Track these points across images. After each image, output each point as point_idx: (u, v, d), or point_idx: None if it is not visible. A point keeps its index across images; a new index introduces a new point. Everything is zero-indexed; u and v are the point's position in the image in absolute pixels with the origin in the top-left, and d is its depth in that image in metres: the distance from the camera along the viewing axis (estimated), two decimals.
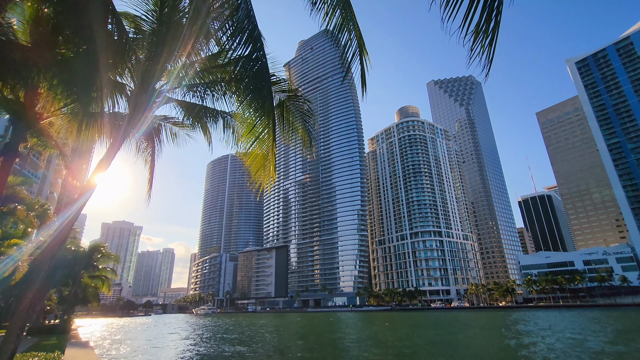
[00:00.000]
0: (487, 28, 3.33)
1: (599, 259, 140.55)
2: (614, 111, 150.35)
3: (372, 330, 57.29)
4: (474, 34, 3.32)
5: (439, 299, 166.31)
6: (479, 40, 3.35)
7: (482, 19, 3.31)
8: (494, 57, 3.37)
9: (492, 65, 3.49)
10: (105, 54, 5.14)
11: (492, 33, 3.34)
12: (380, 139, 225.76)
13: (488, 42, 3.36)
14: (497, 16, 3.32)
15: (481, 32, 3.32)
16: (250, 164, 5.97)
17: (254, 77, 5.05)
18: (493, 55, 3.36)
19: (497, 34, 3.37)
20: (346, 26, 4.54)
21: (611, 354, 27.04)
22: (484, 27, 3.30)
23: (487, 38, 3.36)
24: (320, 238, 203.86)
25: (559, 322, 57.67)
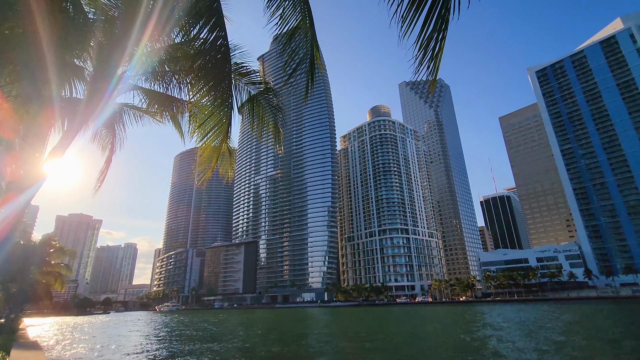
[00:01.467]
0: (435, 43, 3.52)
1: (551, 256, 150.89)
2: (568, 119, 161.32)
3: (339, 325, 58.16)
4: (422, 46, 3.53)
5: (404, 294, 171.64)
6: (427, 53, 3.55)
7: (431, 33, 3.49)
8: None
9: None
10: (61, 34, 4.79)
11: (439, 50, 3.54)
12: (352, 136, 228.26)
13: (435, 54, 3.57)
14: (444, 32, 3.51)
15: (429, 46, 3.52)
16: (203, 155, 5.78)
17: (214, 66, 4.92)
18: (438, 68, 3.56)
19: (441, 52, 3.57)
20: (303, 28, 4.57)
21: (554, 343, 29.23)
22: (432, 42, 3.52)
23: (434, 52, 3.56)
24: (291, 234, 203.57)
25: (512, 315, 61.53)
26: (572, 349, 26.65)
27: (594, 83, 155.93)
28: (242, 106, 6.34)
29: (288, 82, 4.91)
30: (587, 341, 30.73)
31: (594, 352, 25.37)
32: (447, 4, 3.42)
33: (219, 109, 5.49)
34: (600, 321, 48.18)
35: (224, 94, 5.23)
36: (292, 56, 4.83)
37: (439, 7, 3.42)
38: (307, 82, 4.79)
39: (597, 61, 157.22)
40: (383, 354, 26.86)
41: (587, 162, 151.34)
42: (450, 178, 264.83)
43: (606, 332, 36.28)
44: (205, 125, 5.65)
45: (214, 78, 5.22)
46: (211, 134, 5.68)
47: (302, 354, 28.91)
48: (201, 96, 5.54)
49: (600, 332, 36.40)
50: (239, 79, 5.93)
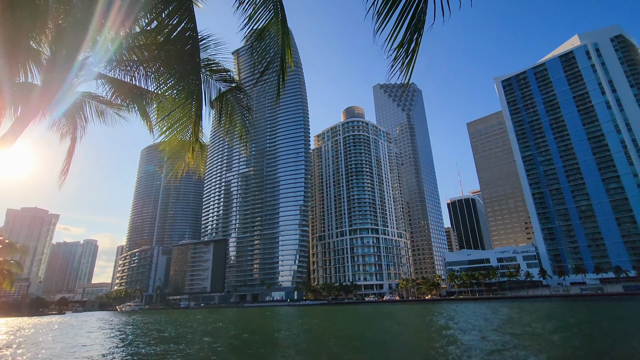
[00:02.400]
0: (408, 48, 3.54)
1: (510, 257, 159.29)
2: (529, 127, 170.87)
3: (309, 323, 58.25)
4: (396, 50, 3.52)
5: (373, 293, 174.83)
6: (400, 58, 3.55)
7: (404, 38, 3.50)
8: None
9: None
10: (13, 13, 4.42)
11: (412, 53, 3.55)
12: (326, 136, 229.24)
13: (407, 62, 3.57)
14: (417, 38, 3.53)
15: (402, 50, 3.52)
16: (168, 149, 5.56)
17: (182, 57, 4.74)
18: (411, 72, 3.61)
19: (416, 53, 3.58)
20: (274, 26, 4.53)
21: (503, 339, 30.94)
22: (406, 47, 3.52)
23: (407, 57, 3.56)
24: (261, 232, 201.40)
25: (472, 313, 64.42)
26: (510, 344, 28.32)
27: (553, 95, 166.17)
28: (214, 101, 6.16)
29: (259, 82, 4.82)
30: (521, 336, 32.74)
31: (529, 345, 27.10)
32: (421, 4, 3.45)
33: (186, 102, 5.29)
34: (541, 317, 51.53)
35: (192, 87, 5.05)
36: (263, 55, 4.76)
37: (414, 5, 3.43)
38: (278, 82, 4.73)
39: (556, 74, 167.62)
40: (353, 351, 27.22)
41: (545, 168, 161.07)
42: (420, 180, 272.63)
43: (539, 327, 38.83)
44: (171, 118, 5.43)
45: (182, 70, 5.02)
46: (177, 127, 5.46)
47: (272, 353, 28.70)
48: (168, 88, 5.32)
49: (531, 327, 38.91)
50: (209, 74, 5.74)
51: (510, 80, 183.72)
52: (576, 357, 23.18)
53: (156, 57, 4.96)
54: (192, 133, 5.44)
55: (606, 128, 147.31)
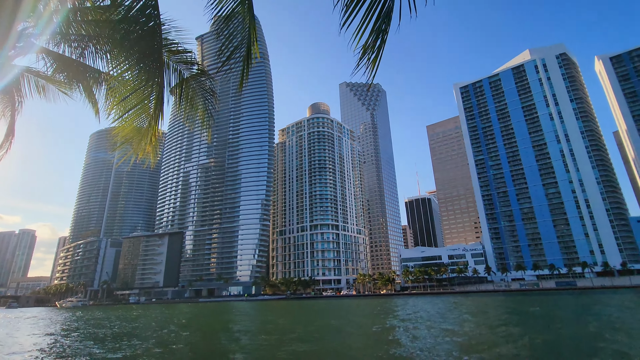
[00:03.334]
0: (374, 45, 3.55)
1: (460, 254, 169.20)
2: (482, 133, 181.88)
3: (265, 318, 57.91)
4: (363, 47, 3.52)
5: (331, 288, 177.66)
6: (366, 54, 3.55)
7: (371, 35, 3.51)
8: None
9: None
10: None
11: (378, 50, 3.58)
12: (291, 131, 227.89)
13: (372, 58, 3.60)
14: (383, 35, 3.55)
15: (369, 47, 3.51)
16: (122, 135, 5.19)
17: (141, 38, 4.42)
18: (376, 70, 3.66)
19: (381, 51, 3.63)
20: (241, 12, 4.37)
21: (447, 330, 33.00)
22: (371, 44, 3.51)
23: (372, 53, 3.58)
24: (221, 226, 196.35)
25: (423, 306, 67.80)
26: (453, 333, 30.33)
27: (505, 104, 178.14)
28: (174, 87, 5.79)
29: (223, 68, 4.60)
30: (465, 326, 35.23)
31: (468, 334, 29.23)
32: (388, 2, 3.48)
33: (144, 86, 4.94)
34: (485, 310, 55.65)
35: (152, 70, 4.71)
36: (230, 39, 4.55)
37: (381, 2, 3.44)
38: (242, 71, 4.56)
39: (508, 85, 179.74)
40: (305, 344, 27.47)
41: (494, 172, 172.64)
42: (380, 179, 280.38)
43: (470, 318, 42.01)
44: (127, 103, 5.05)
45: (141, 52, 4.66)
46: (133, 113, 5.09)
47: (222, 348, 28.16)
48: (124, 70, 4.93)
49: (464, 318, 42.04)
50: (170, 57, 5.37)
51: (467, 88, 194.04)
52: (504, 342, 25.18)
53: (111, 36, 4.54)
54: (151, 120, 5.09)
55: (548, 137, 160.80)
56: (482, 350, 23.27)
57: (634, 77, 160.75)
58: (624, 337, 26.22)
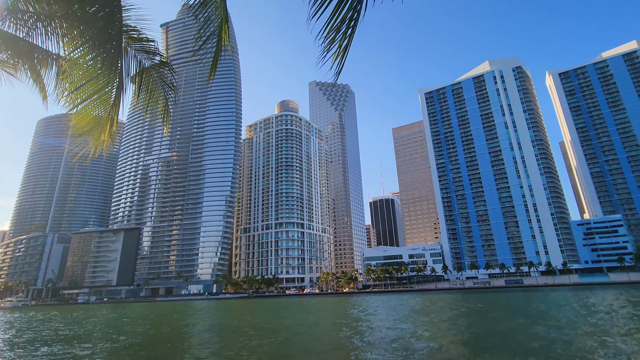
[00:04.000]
0: (340, 45, 3.58)
1: (419, 254, 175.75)
2: (444, 138, 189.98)
3: (224, 317, 56.63)
4: (329, 44, 3.55)
5: (294, 286, 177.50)
6: (331, 51, 3.58)
7: (338, 33, 3.53)
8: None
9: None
10: None
11: (344, 51, 3.62)
12: (259, 127, 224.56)
13: (339, 58, 3.61)
14: (350, 36, 3.57)
15: (335, 45, 3.53)
16: (79, 125, 4.79)
17: (99, 21, 4.08)
18: (342, 67, 3.68)
19: (347, 50, 3.66)
20: (213, 2, 4.20)
21: (399, 325, 34.33)
22: (338, 43, 3.53)
23: (339, 52, 3.58)
24: (182, 222, 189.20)
25: (381, 304, 69.73)
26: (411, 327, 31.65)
27: (465, 111, 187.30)
28: (134, 76, 5.41)
29: (193, 58, 4.38)
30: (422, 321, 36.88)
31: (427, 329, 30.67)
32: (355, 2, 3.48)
33: (103, 73, 4.57)
34: (438, 307, 58.44)
35: (110, 57, 4.36)
36: (201, 29, 4.34)
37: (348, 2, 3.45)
38: (213, 61, 4.36)
39: (469, 93, 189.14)
40: (263, 342, 27.19)
41: (453, 176, 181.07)
42: (346, 178, 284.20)
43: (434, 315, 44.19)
44: (84, 90, 4.64)
45: (99, 36, 4.30)
46: (91, 102, 4.70)
47: (180, 348, 27.16)
48: (80, 55, 4.53)
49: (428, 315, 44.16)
50: (130, 44, 5.01)
51: (432, 94, 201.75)
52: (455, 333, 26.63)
53: (65, 17, 4.12)
54: (109, 109, 4.72)
55: (503, 145, 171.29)
56: (419, 342, 24.41)
57: (579, 93, 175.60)
58: (543, 331, 28.67)
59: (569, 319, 36.68)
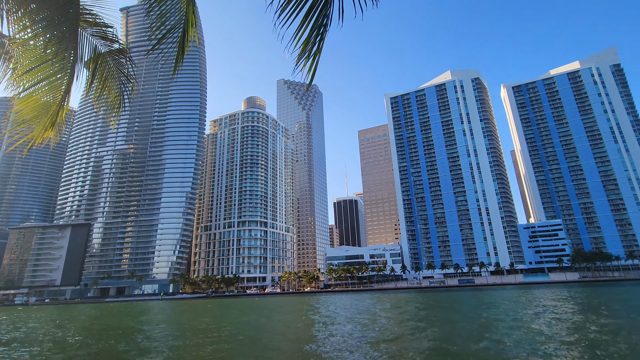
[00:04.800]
0: (311, 50, 3.57)
1: (380, 254, 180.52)
2: (407, 142, 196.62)
3: (180, 318, 54.55)
4: (300, 50, 3.52)
5: (255, 286, 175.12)
6: (302, 58, 3.55)
7: (308, 41, 3.50)
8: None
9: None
10: None
11: (314, 56, 3.61)
12: (224, 123, 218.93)
13: (310, 65, 3.59)
14: (320, 42, 3.59)
15: (306, 52, 3.53)
16: (24, 111, 4.40)
17: (53, 2, 3.77)
18: (312, 76, 3.68)
19: (318, 57, 3.66)
20: None
21: (359, 319, 35.24)
22: (308, 51, 3.53)
23: (309, 60, 3.58)
24: (137, 218, 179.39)
25: (340, 303, 70.83)
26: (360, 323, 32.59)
27: (427, 117, 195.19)
28: (88, 61, 5.03)
29: (155, 49, 4.13)
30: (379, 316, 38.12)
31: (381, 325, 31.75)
32: (327, 8, 3.49)
33: (55, 57, 4.21)
34: (395, 305, 60.61)
35: (63, 41, 4.02)
36: (162, 20, 4.13)
37: (319, 9, 3.44)
38: (177, 55, 4.17)
39: (432, 100, 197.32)
40: (219, 343, 26.57)
41: (414, 179, 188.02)
42: (312, 178, 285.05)
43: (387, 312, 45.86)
44: (33, 74, 4.25)
45: (52, 17, 3.95)
46: (40, 87, 4.32)
47: (125, 352, 25.79)
48: (31, 37, 4.14)
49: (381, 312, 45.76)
50: (86, 28, 4.65)
51: (397, 99, 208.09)
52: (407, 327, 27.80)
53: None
54: (59, 95, 4.35)
55: (461, 151, 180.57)
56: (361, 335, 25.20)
57: (529, 106, 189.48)
58: (474, 328, 30.83)
59: (500, 313, 39.53)
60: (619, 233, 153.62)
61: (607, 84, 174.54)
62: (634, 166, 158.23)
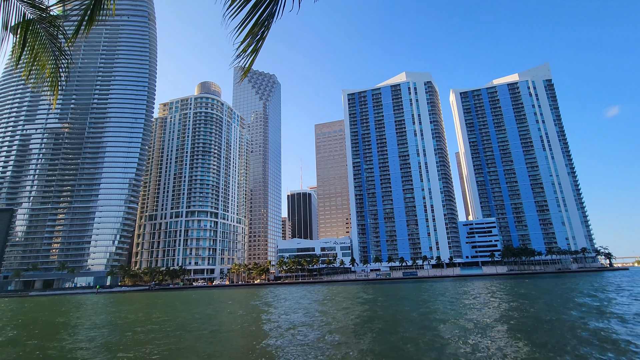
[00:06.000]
0: (254, 46, 3.55)
1: (331, 247, 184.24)
2: (362, 139, 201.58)
3: (116, 311, 51.27)
4: (244, 39, 3.53)
5: (202, 278, 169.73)
6: (245, 47, 3.55)
7: (251, 31, 3.50)
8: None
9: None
10: None
11: (255, 52, 3.59)
12: (175, 107, 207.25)
13: (250, 53, 3.57)
14: (263, 33, 3.58)
15: (247, 41, 3.53)
16: None
17: None
18: (251, 64, 3.71)
19: (259, 47, 3.66)
20: None
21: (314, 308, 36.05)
22: (252, 46, 3.51)
23: (250, 54, 3.55)
24: (71, 205, 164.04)
25: (288, 295, 71.46)
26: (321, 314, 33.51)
27: (382, 116, 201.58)
28: (15, 27, 4.35)
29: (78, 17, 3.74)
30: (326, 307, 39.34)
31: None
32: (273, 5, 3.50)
33: None
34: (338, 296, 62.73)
35: None
36: None
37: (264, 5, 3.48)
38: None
39: (387, 99, 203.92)
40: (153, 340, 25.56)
41: (367, 175, 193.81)
42: (266, 170, 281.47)
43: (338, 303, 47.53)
44: None
45: None
46: None
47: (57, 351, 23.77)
48: None
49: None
50: None
51: (354, 95, 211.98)
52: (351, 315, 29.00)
53: None
54: None
55: (411, 150, 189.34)
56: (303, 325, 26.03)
57: (474, 112, 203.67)
58: (403, 322, 33.29)
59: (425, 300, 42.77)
60: (542, 231, 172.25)
61: (540, 97, 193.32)
62: (557, 172, 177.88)
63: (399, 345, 21.37)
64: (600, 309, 34.25)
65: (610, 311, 32.52)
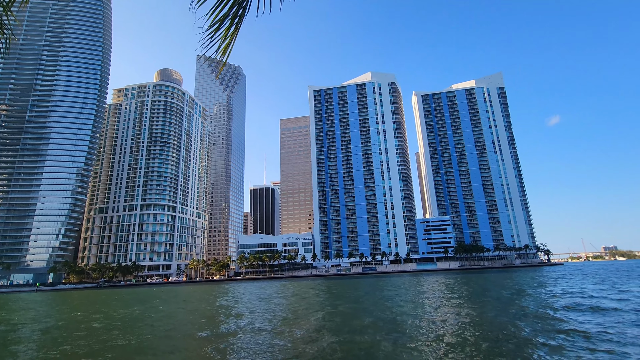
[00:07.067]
0: (226, 33, 3.46)
1: (293, 243, 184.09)
2: (326, 136, 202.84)
3: (56, 311, 47.61)
4: (216, 28, 3.44)
5: (158, 274, 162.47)
6: (217, 38, 3.48)
7: (225, 18, 3.43)
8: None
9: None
10: None
11: (230, 37, 3.47)
12: (131, 93, 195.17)
13: (224, 46, 3.49)
14: (238, 23, 3.45)
15: (222, 31, 3.44)
16: None
17: None
18: (228, 56, 3.51)
19: (234, 38, 3.50)
20: None
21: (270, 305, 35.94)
22: (224, 31, 3.44)
23: (224, 41, 3.48)
24: (7, 195, 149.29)
25: (246, 290, 70.64)
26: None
27: (347, 114, 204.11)
28: None
29: None
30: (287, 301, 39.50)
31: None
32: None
33: None
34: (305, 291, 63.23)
35: None
36: None
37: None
38: None
39: (352, 98, 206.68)
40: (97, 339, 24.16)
41: (330, 172, 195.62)
42: (229, 163, 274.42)
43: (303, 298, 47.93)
44: None
45: None
46: None
47: None
48: None
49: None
50: None
51: (320, 92, 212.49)
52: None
53: None
54: None
55: (374, 149, 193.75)
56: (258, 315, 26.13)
57: (433, 114, 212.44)
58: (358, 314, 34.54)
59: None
60: (490, 229, 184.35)
61: (493, 103, 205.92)
62: (506, 174, 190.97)
63: (355, 339, 21.83)
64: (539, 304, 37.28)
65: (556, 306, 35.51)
